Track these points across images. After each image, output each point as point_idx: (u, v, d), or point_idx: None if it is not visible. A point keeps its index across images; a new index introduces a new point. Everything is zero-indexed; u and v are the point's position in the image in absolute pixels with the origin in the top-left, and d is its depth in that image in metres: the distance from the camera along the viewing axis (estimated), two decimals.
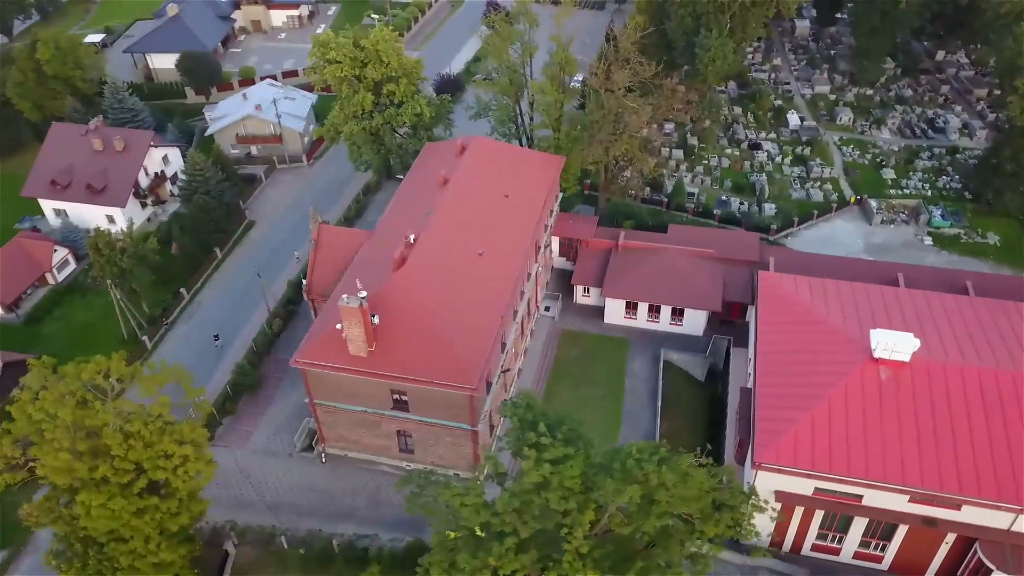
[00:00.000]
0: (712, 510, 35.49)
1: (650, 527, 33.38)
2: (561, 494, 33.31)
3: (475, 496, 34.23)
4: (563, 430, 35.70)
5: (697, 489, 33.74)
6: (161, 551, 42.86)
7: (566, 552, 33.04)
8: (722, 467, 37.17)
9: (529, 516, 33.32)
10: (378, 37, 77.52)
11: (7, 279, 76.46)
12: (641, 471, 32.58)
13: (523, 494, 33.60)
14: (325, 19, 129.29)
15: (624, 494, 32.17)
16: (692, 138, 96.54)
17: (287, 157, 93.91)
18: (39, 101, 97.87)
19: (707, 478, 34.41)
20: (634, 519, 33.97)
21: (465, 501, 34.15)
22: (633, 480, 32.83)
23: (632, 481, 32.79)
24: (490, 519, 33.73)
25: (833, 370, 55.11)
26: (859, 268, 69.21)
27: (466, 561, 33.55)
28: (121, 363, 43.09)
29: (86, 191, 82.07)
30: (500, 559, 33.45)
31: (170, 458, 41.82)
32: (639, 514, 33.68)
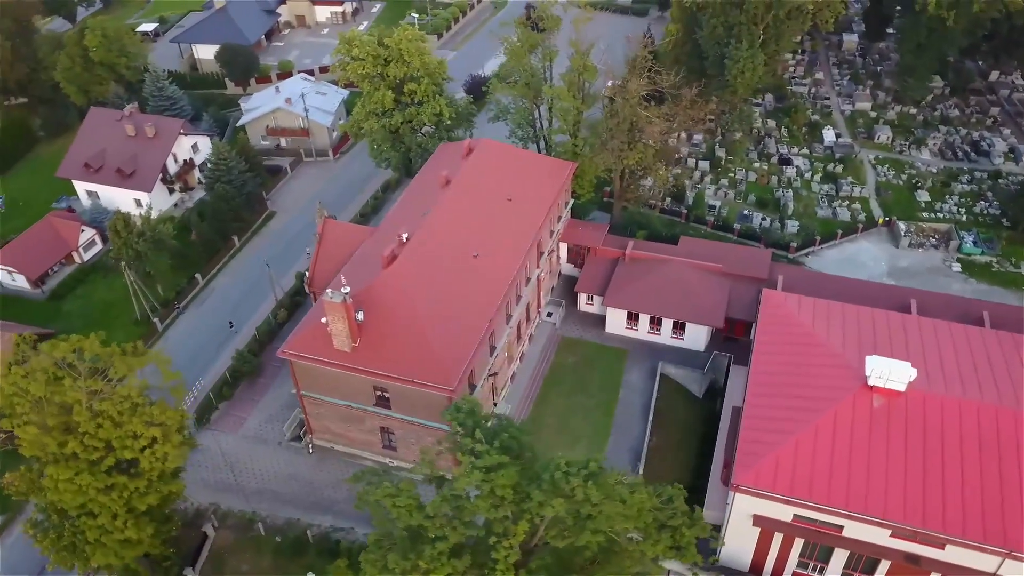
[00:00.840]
0: (656, 530, 34.79)
1: (585, 542, 32.88)
2: (492, 502, 33.10)
3: (407, 497, 34.27)
4: (503, 438, 35.44)
5: (636, 507, 33.11)
6: (127, 529, 43.95)
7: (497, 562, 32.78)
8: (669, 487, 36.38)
9: (459, 522, 33.21)
10: (401, 36, 78.17)
11: (35, 256, 79.58)
12: (568, 485, 32.13)
13: (455, 499, 33.50)
14: (369, 16, 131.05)
15: (550, 507, 31.75)
16: (720, 150, 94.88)
17: (314, 151, 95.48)
18: (85, 86, 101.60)
19: (648, 497, 33.74)
20: (571, 533, 33.52)
21: (397, 502, 34.22)
22: (560, 493, 32.41)
23: (559, 494, 32.38)
24: (423, 521, 33.73)
25: (825, 395, 53.54)
26: (871, 292, 67.09)
27: (395, 562, 33.59)
28: (95, 343, 44.28)
29: (116, 175, 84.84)
30: (431, 562, 33.40)
31: (138, 438, 42.89)
32: (575, 528, 33.24)
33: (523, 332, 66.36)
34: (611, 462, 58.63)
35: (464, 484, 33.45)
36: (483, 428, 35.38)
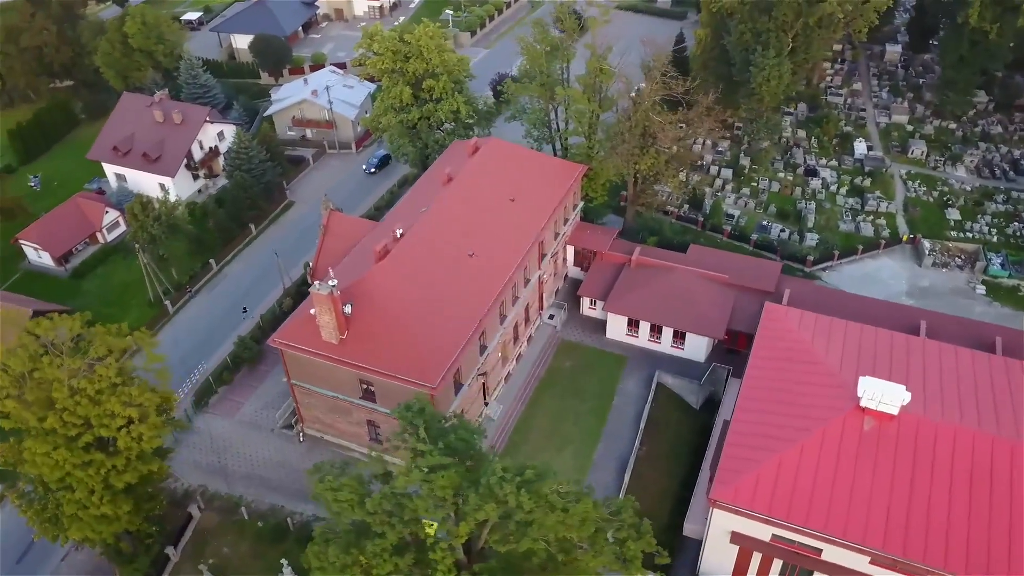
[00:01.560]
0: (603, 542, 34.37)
1: (526, 548, 32.65)
2: (432, 502, 33.09)
3: (348, 492, 34.42)
4: (450, 440, 35.33)
5: (579, 517, 32.74)
6: (103, 505, 45.08)
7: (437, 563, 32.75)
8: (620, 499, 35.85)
9: (399, 520, 33.25)
10: (422, 33, 78.43)
11: (60, 234, 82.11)
12: (501, 491, 31.88)
13: (396, 496, 33.56)
14: (406, 11, 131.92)
15: (482, 512, 31.57)
16: (745, 159, 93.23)
17: (337, 143, 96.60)
18: (123, 71, 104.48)
19: (593, 507, 33.31)
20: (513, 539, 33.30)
21: (338, 496, 34.41)
22: (494, 499, 32.19)
23: (493, 499, 32.15)
24: (364, 516, 33.86)
25: (815, 414, 52.33)
26: (881, 311, 65.23)
27: (335, 555, 33.81)
28: (78, 322, 45.48)
29: (142, 159, 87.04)
30: (373, 558, 33.52)
31: (116, 417, 43.95)
32: (517, 534, 33.01)
33: (521, 333, 66.17)
34: (598, 468, 59.10)
35: (404, 483, 33.51)
36: (434, 427, 35.37)
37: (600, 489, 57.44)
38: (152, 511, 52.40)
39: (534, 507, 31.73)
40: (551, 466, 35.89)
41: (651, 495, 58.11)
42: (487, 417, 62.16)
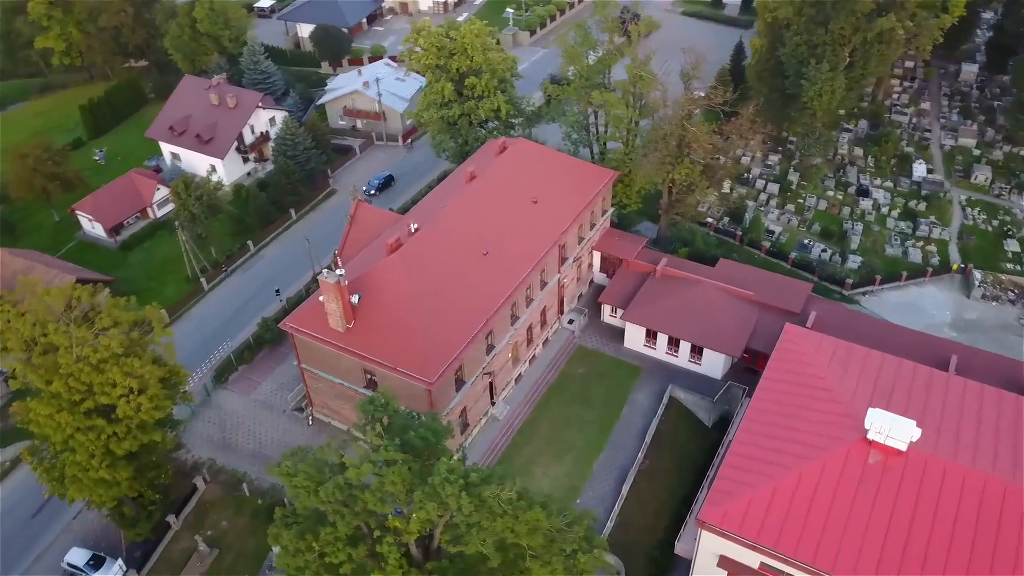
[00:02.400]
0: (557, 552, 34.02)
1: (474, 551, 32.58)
2: (381, 496, 33.29)
3: (303, 478, 34.94)
4: (409, 436, 35.46)
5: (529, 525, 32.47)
6: (102, 469, 46.96)
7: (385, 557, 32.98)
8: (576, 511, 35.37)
9: (349, 511, 33.58)
10: (467, 30, 78.80)
11: (113, 207, 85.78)
12: (444, 491, 31.82)
13: (349, 488, 33.88)
14: (470, 7, 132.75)
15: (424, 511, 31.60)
16: (794, 174, 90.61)
17: (385, 135, 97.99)
18: (191, 55, 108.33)
19: (544, 516, 32.97)
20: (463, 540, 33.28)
21: (294, 482, 34.97)
22: (436, 499, 32.16)
23: (435, 499, 32.13)
24: (319, 504, 34.34)
25: (819, 442, 50.64)
26: (910, 341, 62.59)
27: (289, 539, 34.40)
28: (88, 292, 47.42)
29: (195, 140, 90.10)
30: (327, 546, 33.99)
31: (116, 386, 45.71)
32: (467, 536, 32.97)
33: (536, 335, 65.91)
34: (596, 478, 58.48)
35: (355, 474, 33.82)
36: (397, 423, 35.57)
37: (595, 499, 57.21)
38: (156, 479, 54.36)
39: (473, 510, 31.64)
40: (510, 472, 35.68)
41: (648, 510, 57.28)
42: (492, 417, 62.18)
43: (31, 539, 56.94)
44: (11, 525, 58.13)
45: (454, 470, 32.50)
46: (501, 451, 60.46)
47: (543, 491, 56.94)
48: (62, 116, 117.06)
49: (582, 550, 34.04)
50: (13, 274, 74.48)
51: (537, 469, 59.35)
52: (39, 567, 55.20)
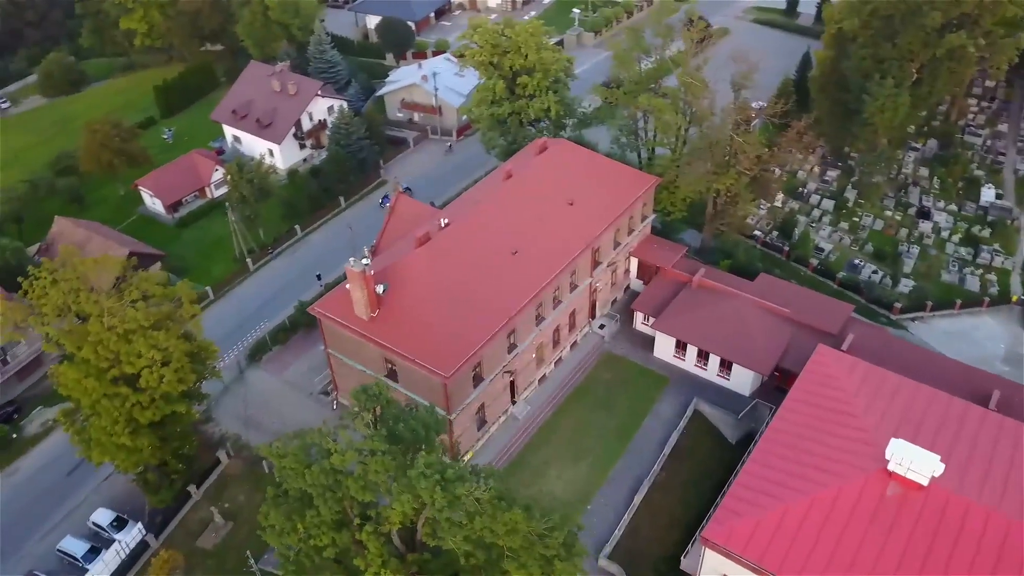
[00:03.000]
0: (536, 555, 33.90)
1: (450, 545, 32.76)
2: (363, 484, 33.73)
3: (293, 460, 35.65)
4: (398, 427, 35.79)
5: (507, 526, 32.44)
6: (123, 436, 48.93)
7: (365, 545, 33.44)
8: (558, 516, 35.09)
9: (331, 495, 34.14)
10: (522, 29, 78.90)
11: (173, 185, 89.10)
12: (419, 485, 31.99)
13: (334, 473, 34.46)
14: (539, 6, 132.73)
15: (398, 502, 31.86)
16: (852, 191, 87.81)
17: (439, 129, 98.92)
18: (261, 41, 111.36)
19: (523, 519, 32.87)
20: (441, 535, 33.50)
21: (283, 463, 35.72)
22: (411, 491, 32.37)
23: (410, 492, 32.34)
24: (305, 486, 35.03)
25: (837, 469, 49.23)
26: (951, 371, 60.06)
27: (275, 518, 35.21)
28: (119, 263, 49.38)
29: (255, 124, 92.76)
30: (311, 529, 34.68)
31: (141, 357, 47.55)
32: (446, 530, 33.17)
33: (563, 338, 65.65)
34: (610, 485, 57.97)
35: (339, 460, 34.38)
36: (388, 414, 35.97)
37: (607, 507, 56.74)
38: (180, 449, 56.27)
39: (446, 506, 31.79)
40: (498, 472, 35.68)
41: (660, 522, 56.47)
42: (512, 416, 62.27)
43: (64, 496, 59.73)
44: (48, 480, 61.12)
45: (431, 465, 32.72)
46: (518, 450, 60.52)
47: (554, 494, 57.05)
48: (140, 95, 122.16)
49: (560, 557, 33.82)
50: (72, 243, 78.00)
51: (552, 471, 59.19)
52: (67, 522, 57.88)
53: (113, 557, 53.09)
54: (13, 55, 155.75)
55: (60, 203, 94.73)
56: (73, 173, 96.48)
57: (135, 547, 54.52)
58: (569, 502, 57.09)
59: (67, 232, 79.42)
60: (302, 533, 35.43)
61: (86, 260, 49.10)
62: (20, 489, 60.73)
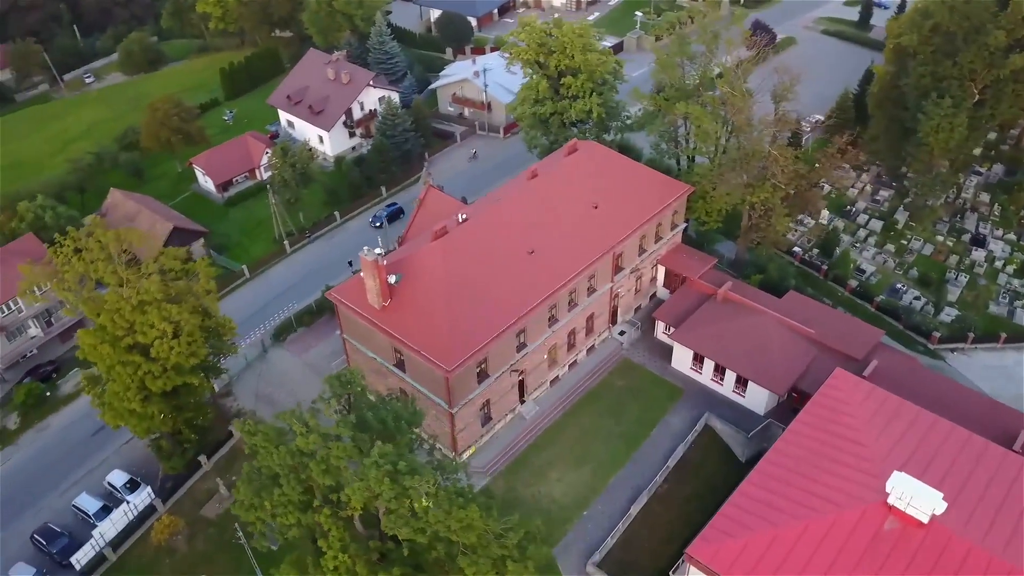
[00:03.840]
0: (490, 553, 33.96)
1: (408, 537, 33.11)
2: (324, 468, 34.32)
3: (262, 440, 36.51)
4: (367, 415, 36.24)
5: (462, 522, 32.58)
6: (133, 402, 51.00)
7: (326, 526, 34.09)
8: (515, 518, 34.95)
9: (295, 478, 34.87)
10: (568, 29, 78.62)
11: (224, 164, 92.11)
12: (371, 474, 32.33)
13: (300, 455, 35.17)
14: (603, 7, 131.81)
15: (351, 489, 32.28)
16: (904, 213, 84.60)
17: (487, 125, 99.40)
18: (325, 30, 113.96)
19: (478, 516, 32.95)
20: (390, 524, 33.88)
21: (254, 441, 36.60)
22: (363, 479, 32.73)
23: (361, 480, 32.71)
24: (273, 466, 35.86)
25: (835, 497, 47.82)
26: (979, 408, 57.53)
27: (244, 492, 36.15)
28: (138, 235, 51.38)
29: (308, 110, 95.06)
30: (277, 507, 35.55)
31: (153, 328, 49.44)
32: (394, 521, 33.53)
33: (579, 341, 65.28)
34: (609, 493, 57.53)
35: (303, 443, 35.06)
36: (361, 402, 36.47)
37: (603, 514, 56.30)
38: (194, 420, 58.24)
39: (392, 497, 32.11)
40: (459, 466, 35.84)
41: (657, 535, 55.71)
42: (519, 415, 62.31)
43: (86, 455, 62.58)
44: (74, 439, 64.16)
45: (386, 455, 33.11)
46: (521, 450, 60.54)
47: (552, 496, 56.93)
48: (211, 76, 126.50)
49: (512, 557, 33.78)
50: (123, 215, 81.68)
51: (552, 473, 59.03)
52: (86, 480, 60.66)
53: (121, 517, 55.35)
54: (102, 33, 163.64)
55: (122, 176, 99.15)
56: (136, 148, 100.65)
57: (143, 509, 56.72)
58: (565, 506, 57.05)
59: (120, 204, 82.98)
60: (269, 510, 36.40)
61: (108, 232, 51.29)
62: (48, 444, 63.93)
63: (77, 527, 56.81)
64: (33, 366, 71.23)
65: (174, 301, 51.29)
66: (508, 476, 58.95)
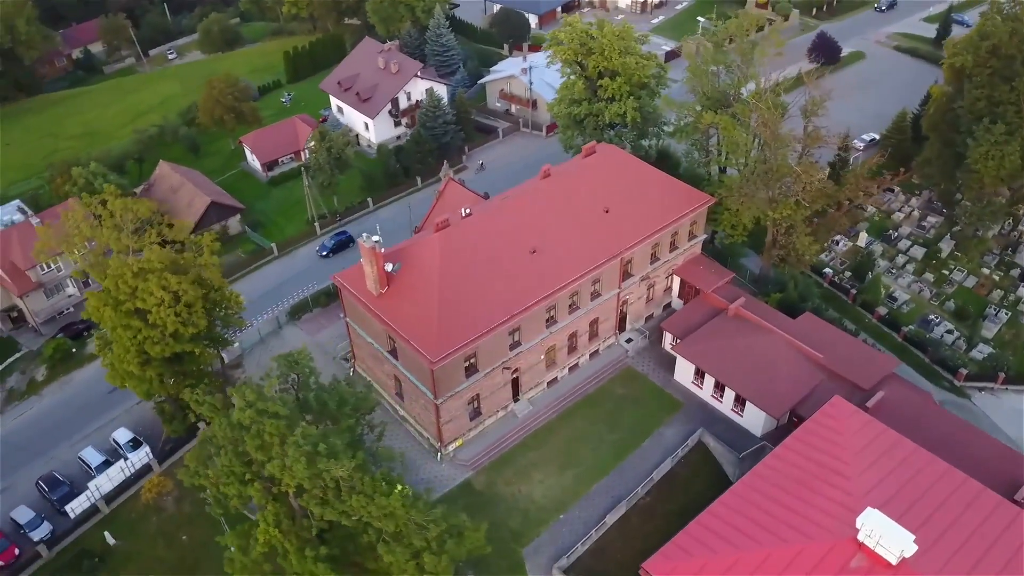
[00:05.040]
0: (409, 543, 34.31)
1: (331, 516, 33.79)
2: (258, 443, 35.21)
3: (207, 410, 37.68)
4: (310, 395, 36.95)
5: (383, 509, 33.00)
6: (131, 365, 53.39)
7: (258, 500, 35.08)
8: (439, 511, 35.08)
9: (232, 451, 35.93)
10: (609, 30, 77.90)
11: (271, 145, 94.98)
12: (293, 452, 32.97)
13: (238, 428, 36.19)
14: (670, 10, 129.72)
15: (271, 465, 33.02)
16: (950, 241, 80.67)
17: (530, 123, 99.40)
18: (386, 20, 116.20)
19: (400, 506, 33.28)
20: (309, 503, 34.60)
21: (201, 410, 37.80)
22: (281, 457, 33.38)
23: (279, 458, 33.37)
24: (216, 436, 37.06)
25: (805, 528, 46.36)
26: (988, 451, 54.64)
27: (191, 459, 37.44)
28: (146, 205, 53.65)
29: (355, 97, 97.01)
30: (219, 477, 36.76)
31: (152, 295, 51.61)
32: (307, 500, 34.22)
33: (580, 345, 64.80)
34: (589, 500, 57.15)
35: (238, 417, 36.05)
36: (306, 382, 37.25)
37: (579, 520, 55.82)
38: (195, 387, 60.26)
39: (306, 478, 32.71)
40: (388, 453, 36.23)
41: (632, 546, 54.83)
42: (512, 413, 62.36)
43: (99, 412, 65.79)
44: (92, 394, 67.52)
45: (308, 436, 33.81)
46: (509, 447, 60.57)
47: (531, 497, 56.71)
48: (278, 59, 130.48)
49: (429, 550, 34.00)
50: (168, 186, 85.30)
51: (536, 474, 58.89)
52: (96, 435, 63.88)
53: (117, 473, 58.05)
54: (190, 13, 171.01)
55: (181, 150, 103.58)
56: (196, 124, 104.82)
57: (139, 468, 59.29)
58: (543, 507, 56.87)
59: (166, 176, 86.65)
60: (212, 479, 37.66)
61: (116, 201, 53.75)
62: (68, 397, 67.57)
63: (79, 478, 59.87)
64: (67, 323, 75.17)
65: (179, 271, 53.36)
66: (491, 472, 59.12)
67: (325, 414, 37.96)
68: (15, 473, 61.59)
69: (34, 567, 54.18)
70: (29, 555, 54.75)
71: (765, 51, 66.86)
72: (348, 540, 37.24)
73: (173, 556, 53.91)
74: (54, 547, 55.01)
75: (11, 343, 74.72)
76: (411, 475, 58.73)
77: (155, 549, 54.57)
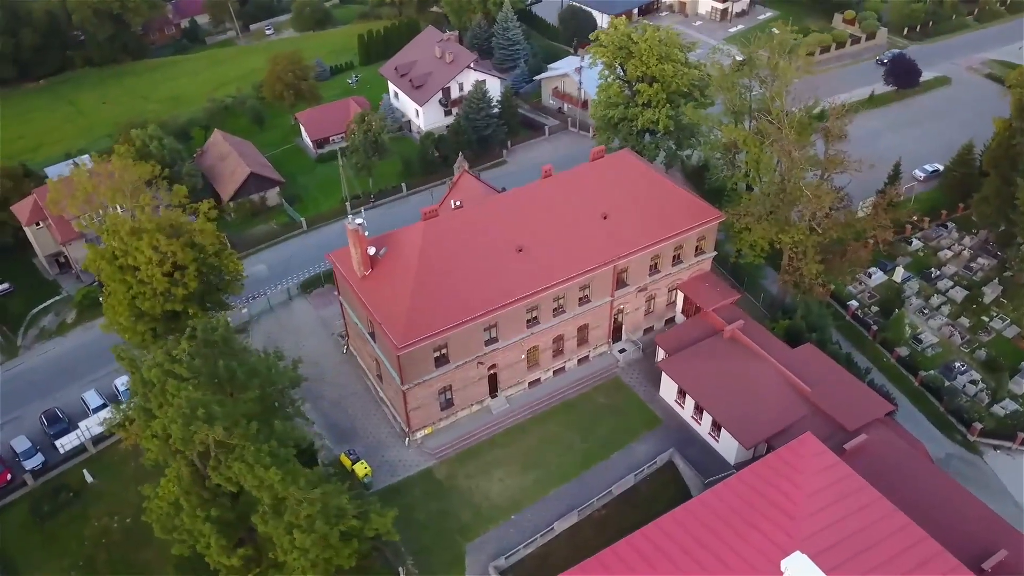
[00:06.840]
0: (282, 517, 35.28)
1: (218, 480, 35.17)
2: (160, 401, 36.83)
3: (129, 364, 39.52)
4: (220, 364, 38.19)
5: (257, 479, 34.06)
6: (122, 316, 56.61)
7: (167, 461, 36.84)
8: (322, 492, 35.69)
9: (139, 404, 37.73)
10: (650, 36, 76.51)
11: (323, 123, 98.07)
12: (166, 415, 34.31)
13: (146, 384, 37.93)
14: (751, 20, 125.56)
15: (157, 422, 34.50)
16: (996, 286, 75.22)
17: (578, 123, 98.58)
18: (459, 10, 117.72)
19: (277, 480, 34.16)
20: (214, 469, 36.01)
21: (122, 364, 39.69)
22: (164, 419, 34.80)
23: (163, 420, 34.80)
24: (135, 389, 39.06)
25: (732, 563, 44.74)
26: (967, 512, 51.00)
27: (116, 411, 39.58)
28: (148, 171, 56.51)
29: (409, 83, 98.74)
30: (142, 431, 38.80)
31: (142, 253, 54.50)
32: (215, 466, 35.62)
33: (567, 349, 64.16)
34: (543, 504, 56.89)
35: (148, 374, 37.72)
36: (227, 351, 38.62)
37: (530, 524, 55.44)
38: None
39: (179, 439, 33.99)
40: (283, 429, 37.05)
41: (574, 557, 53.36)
42: (486, 408, 62.48)
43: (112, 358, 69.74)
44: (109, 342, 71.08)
45: (192, 401, 35.10)
46: (477, 442, 60.77)
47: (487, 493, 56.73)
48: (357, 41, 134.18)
49: (300, 527, 34.78)
50: (217, 154, 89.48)
51: (498, 471, 58.87)
52: (105, 379, 67.99)
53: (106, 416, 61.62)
54: None
55: (246, 121, 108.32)
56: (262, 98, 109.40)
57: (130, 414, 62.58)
58: (497, 505, 56.79)
59: (218, 144, 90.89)
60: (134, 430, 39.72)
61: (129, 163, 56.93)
62: (88, 341, 72.18)
63: (78, 417, 63.97)
64: None
65: (176, 235, 56.11)
66: (454, 464, 59.47)
67: (233, 384, 39.40)
68: (28, 405, 66.37)
69: (18, 493, 58.35)
70: (19, 482, 59.01)
71: (788, 71, 63.81)
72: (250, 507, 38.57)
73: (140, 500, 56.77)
74: (39, 478, 59.04)
75: (54, 286, 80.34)
76: (376, 456, 60.14)
77: (126, 492, 57.64)
